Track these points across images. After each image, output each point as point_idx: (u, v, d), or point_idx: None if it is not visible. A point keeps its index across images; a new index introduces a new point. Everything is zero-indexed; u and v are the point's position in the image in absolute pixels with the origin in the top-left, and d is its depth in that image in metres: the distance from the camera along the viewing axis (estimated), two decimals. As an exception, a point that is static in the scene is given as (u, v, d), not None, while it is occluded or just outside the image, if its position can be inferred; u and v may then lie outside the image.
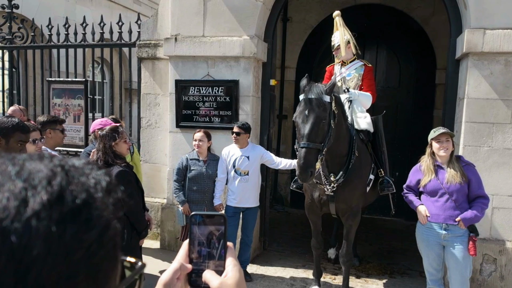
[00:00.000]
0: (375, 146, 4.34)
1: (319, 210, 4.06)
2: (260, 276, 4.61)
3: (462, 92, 4.27)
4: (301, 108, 3.29)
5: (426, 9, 6.85)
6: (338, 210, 3.94)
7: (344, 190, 3.74)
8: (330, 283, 4.50)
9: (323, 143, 3.23)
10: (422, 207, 3.43)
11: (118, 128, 3.23)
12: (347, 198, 3.82)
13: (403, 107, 7.13)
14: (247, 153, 4.33)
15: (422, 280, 4.68)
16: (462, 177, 3.26)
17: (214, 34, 4.87)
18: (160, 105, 5.40)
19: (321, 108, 3.20)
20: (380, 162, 4.24)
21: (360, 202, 4.00)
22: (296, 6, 7.44)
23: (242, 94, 4.86)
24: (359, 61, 4.49)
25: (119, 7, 10.71)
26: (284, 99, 7.77)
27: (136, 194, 3.20)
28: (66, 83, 5.82)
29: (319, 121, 3.17)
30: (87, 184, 0.39)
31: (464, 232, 3.30)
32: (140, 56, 5.41)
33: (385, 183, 4.12)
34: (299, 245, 5.64)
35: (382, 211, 6.83)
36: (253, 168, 4.36)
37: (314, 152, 3.19)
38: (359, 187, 3.90)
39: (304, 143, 3.15)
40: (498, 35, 4.00)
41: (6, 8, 6.14)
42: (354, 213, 3.93)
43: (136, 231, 3.17)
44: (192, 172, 4.34)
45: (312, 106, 3.19)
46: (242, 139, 4.32)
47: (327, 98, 3.26)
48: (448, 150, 3.30)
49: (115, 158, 3.04)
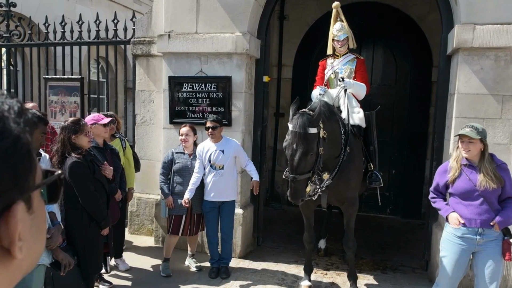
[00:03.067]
0: (366, 140, 4.37)
1: (312, 205, 4.12)
2: (252, 271, 4.63)
3: (453, 88, 4.27)
4: (289, 141, 3.35)
5: (422, 7, 6.85)
6: (336, 201, 4.04)
7: (338, 182, 3.81)
8: (321, 278, 4.51)
9: (312, 170, 3.37)
10: (454, 214, 3.09)
11: (80, 121, 3.26)
12: (341, 190, 3.91)
13: (399, 105, 7.13)
14: (221, 147, 4.32)
15: (414, 276, 4.70)
16: (498, 180, 2.97)
17: (207, 30, 4.90)
18: (155, 102, 5.44)
19: (307, 141, 3.25)
20: (370, 157, 4.27)
21: (356, 191, 4.09)
22: (292, 4, 7.46)
23: (235, 91, 4.89)
24: (351, 55, 4.53)
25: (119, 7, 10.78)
26: (281, 97, 7.78)
27: (93, 184, 3.19)
28: (62, 80, 5.88)
29: (306, 154, 3.25)
30: (1, 108, 0.51)
31: (498, 235, 3.03)
32: (134, 53, 5.45)
33: (373, 176, 4.17)
34: (293, 241, 5.65)
35: (379, 209, 6.83)
36: (228, 162, 4.33)
37: (304, 181, 3.39)
38: (353, 179, 3.98)
39: (293, 176, 3.30)
40: (488, 30, 4.00)
41: (4, 7, 6.21)
42: (352, 202, 4.04)
43: (96, 221, 3.23)
44: (177, 165, 4.41)
45: (298, 140, 3.25)
46: (218, 133, 4.31)
47: (314, 130, 3.29)
48: (470, 152, 3.02)
49: (72, 150, 3.11)
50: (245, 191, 5.18)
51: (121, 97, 6.33)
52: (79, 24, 5.66)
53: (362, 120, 4.16)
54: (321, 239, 5.24)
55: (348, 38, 4.45)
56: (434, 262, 4.43)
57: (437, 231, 4.40)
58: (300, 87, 7.63)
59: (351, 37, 4.50)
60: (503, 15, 3.99)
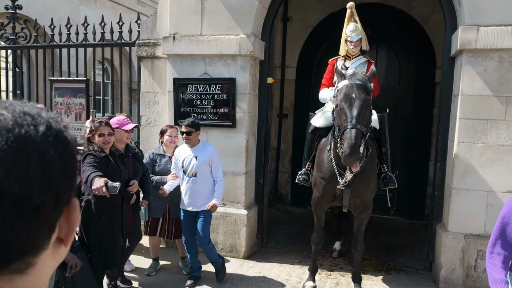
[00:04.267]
0: (379, 142, 4.36)
1: (326, 205, 4.13)
2: (256, 272, 4.66)
3: (457, 89, 4.28)
4: (346, 92, 3.31)
5: (425, 8, 6.86)
6: (352, 204, 3.99)
7: (359, 184, 3.79)
8: (325, 279, 4.53)
9: (367, 128, 3.27)
10: None
11: (102, 122, 3.46)
12: (362, 192, 3.88)
13: (403, 106, 7.13)
14: (196, 152, 4.04)
15: (418, 277, 4.71)
16: None
17: (212, 32, 4.93)
18: (159, 103, 5.47)
19: (367, 93, 3.28)
20: (383, 158, 4.27)
21: (373, 194, 4.07)
22: (296, 6, 7.48)
23: (239, 92, 4.91)
24: (363, 57, 4.51)
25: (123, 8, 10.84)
26: (285, 98, 7.81)
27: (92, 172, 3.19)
28: (67, 82, 5.92)
29: (366, 106, 3.23)
30: (54, 118, 0.58)
31: None
32: (139, 55, 5.49)
33: (387, 178, 4.15)
34: (297, 242, 5.68)
35: (383, 210, 6.85)
36: (202, 169, 4.02)
37: (361, 134, 3.23)
38: (372, 181, 3.98)
39: (354, 123, 3.18)
40: (491, 32, 4.01)
41: (10, 9, 6.27)
42: (367, 206, 4.01)
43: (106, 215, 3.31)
44: (158, 167, 4.39)
45: (358, 91, 3.25)
46: (194, 138, 4.04)
47: (370, 86, 3.34)
48: None
49: (89, 146, 3.37)
50: (249, 192, 5.20)
51: (125, 99, 6.36)
52: (84, 26, 5.70)
53: (375, 122, 4.13)
54: (336, 242, 5.29)
55: (361, 39, 4.44)
56: (438, 263, 4.44)
57: (441, 232, 4.42)
58: (303, 88, 7.66)
59: (365, 38, 4.49)
60: (507, 16, 4.00)
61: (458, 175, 4.24)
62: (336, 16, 6.96)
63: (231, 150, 4.95)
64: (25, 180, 0.49)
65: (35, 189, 0.50)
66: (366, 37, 4.57)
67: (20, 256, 0.51)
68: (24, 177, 0.49)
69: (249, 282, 4.39)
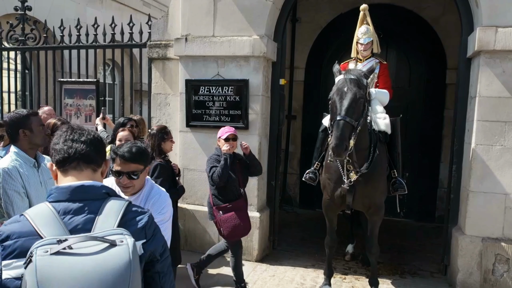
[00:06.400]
0: (391, 147, 4.30)
1: (337, 207, 4.08)
2: (270, 275, 4.61)
3: (474, 91, 4.23)
4: (339, 86, 3.32)
5: (436, 9, 6.81)
6: (361, 205, 3.95)
7: (367, 185, 3.75)
8: (340, 283, 4.48)
9: (358, 122, 3.24)
10: None
11: (166, 129, 3.79)
12: (371, 194, 3.83)
13: (413, 107, 7.08)
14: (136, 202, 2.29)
15: (433, 280, 4.66)
16: None
17: (224, 34, 4.89)
18: (171, 105, 5.43)
19: (359, 87, 3.26)
20: (394, 163, 4.22)
21: (383, 197, 4.02)
22: (305, 6, 7.44)
23: (252, 94, 4.87)
24: (374, 59, 4.47)
25: (128, 9, 10.82)
26: (293, 99, 7.77)
27: (166, 185, 3.34)
28: (77, 83, 5.88)
29: (357, 98, 3.20)
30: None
31: None
32: (150, 57, 5.45)
33: (397, 183, 4.10)
34: (308, 245, 5.63)
35: (392, 212, 6.77)
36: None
37: (350, 127, 3.19)
38: (381, 183, 3.93)
39: (342, 116, 3.16)
40: (510, 33, 3.96)
41: (19, 10, 6.23)
42: (379, 208, 3.96)
43: None
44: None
45: (351, 85, 3.25)
46: (141, 180, 2.33)
47: (365, 81, 3.33)
48: None
49: (158, 155, 3.62)
50: (262, 194, 5.16)
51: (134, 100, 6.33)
52: (94, 27, 5.67)
53: (388, 126, 4.08)
54: (349, 244, 5.26)
55: (372, 42, 4.40)
56: (454, 266, 4.39)
57: (457, 235, 4.37)
58: (312, 89, 7.62)
59: (376, 41, 4.45)
60: (525, 17, 3.95)
61: (476, 177, 4.19)
62: (346, 17, 6.93)
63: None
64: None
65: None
66: (378, 40, 4.54)
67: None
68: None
69: (264, 286, 4.34)
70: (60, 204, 1.25)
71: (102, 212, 1.26)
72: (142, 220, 1.33)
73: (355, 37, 4.51)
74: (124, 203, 1.32)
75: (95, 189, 1.30)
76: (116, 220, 1.25)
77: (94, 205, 1.27)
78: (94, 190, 1.30)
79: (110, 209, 1.28)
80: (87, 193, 1.28)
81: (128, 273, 1.12)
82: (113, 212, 1.27)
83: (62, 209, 1.24)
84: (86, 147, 1.35)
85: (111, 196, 1.34)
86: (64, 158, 1.33)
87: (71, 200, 1.26)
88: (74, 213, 1.24)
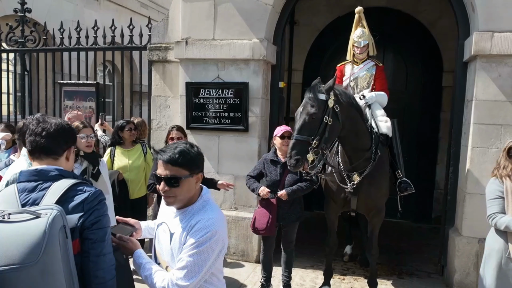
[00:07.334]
0: (391, 149, 4.37)
1: (339, 209, 4.15)
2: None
3: (470, 94, 4.31)
4: (299, 108, 3.48)
5: (433, 12, 6.89)
6: (364, 207, 4.00)
7: (370, 187, 3.81)
8: (339, 284, 4.53)
9: (313, 137, 3.32)
10: None
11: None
12: (373, 196, 3.90)
13: (410, 110, 7.16)
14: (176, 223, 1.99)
15: (431, 281, 4.73)
16: None
17: (224, 37, 4.94)
18: (171, 107, 5.47)
19: (313, 105, 3.34)
20: (397, 164, 4.28)
21: (385, 199, 4.08)
22: (303, 10, 7.50)
23: (252, 96, 4.92)
24: (370, 61, 4.52)
25: (126, 11, 10.84)
26: (291, 101, 7.82)
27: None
28: (77, 85, 5.91)
29: (309, 117, 3.33)
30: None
31: None
32: (151, 59, 5.49)
33: (404, 183, 4.16)
34: (306, 246, 5.66)
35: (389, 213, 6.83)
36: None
37: (302, 144, 3.32)
38: (384, 185, 3.99)
39: (295, 135, 3.36)
40: (506, 38, 4.04)
41: (19, 12, 6.25)
42: (380, 210, 4.03)
43: None
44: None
45: (305, 105, 3.38)
46: (184, 191, 1.85)
47: (322, 96, 3.38)
48: None
49: None
50: (261, 196, 5.20)
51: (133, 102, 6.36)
52: (94, 29, 5.69)
53: (389, 129, 4.14)
54: (347, 245, 5.33)
55: (368, 44, 4.45)
56: (451, 267, 4.46)
57: (454, 236, 4.44)
58: (310, 91, 7.67)
59: (372, 44, 4.51)
60: (521, 23, 4.03)
61: (472, 179, 4.26)
62: (343, 20, 6.99)
63: (243, 154, 4.97)
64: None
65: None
66: (373, 42, 4.58)
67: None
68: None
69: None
70: (21, 184, 1.60)
71: (49, 191, 1.57)
72: (80, 196, 1.59)
73: (351, 40, 4.55)
74: (70, 182, 1.60)
75: (47, 171, 1.62)
76: (56, 197, 1.55)
77: (46, 185, 1.59)
78: (46, 172, 1.62)
79: (56, 188, 1.58)
80: (41, 175, 1.61)
81: (42, 240, 1.37)
82: (58, 190, 1.57)
83: (21, 188, 1.59)
84: (45, 141, 1.65)
85: (65, 178, 1.63)
86: (29, 150, 1.69)
87: (28, 181, 1.60)
88: (30, 191, 1.58)
